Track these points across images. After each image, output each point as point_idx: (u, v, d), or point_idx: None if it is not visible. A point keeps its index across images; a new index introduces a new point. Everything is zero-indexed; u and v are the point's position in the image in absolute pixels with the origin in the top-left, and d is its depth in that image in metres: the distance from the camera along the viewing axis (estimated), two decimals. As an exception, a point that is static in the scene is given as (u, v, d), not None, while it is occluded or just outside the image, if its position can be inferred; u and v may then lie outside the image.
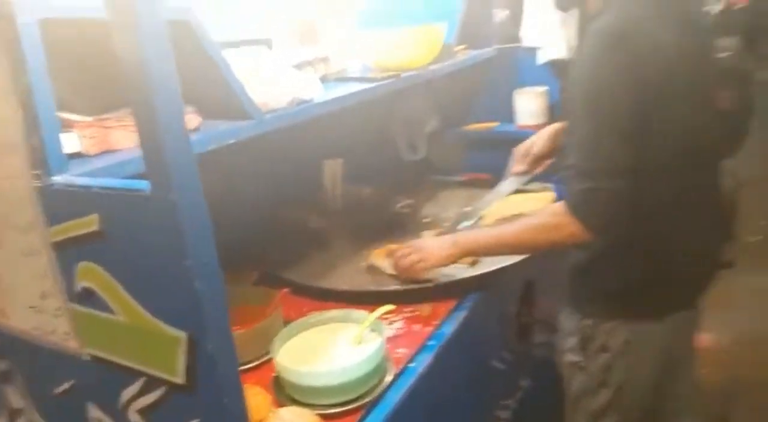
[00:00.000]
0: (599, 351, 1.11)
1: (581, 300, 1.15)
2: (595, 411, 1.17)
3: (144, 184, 0.56)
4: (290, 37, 1.42)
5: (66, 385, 0.76)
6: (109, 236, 0.60)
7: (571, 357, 1.17)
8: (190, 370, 0.60)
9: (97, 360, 0.69)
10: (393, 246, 1.27)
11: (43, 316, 0.73)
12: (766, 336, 2.32)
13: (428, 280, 1.17)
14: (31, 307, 0.74)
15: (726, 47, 1.15)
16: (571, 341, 1.16)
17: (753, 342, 2.28)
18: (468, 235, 1.20)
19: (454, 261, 1.16)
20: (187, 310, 0.57)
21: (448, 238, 1.18)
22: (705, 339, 2.36)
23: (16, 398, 0.85)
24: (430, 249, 1.17)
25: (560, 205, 1.00)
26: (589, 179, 0.95)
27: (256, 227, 1.41)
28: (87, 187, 0.60)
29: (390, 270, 1.24)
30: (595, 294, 1.12)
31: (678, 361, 1.20)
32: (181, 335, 0.59)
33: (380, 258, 1.28)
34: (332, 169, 1.56)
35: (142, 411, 0.68)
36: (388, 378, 0.93)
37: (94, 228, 0.60)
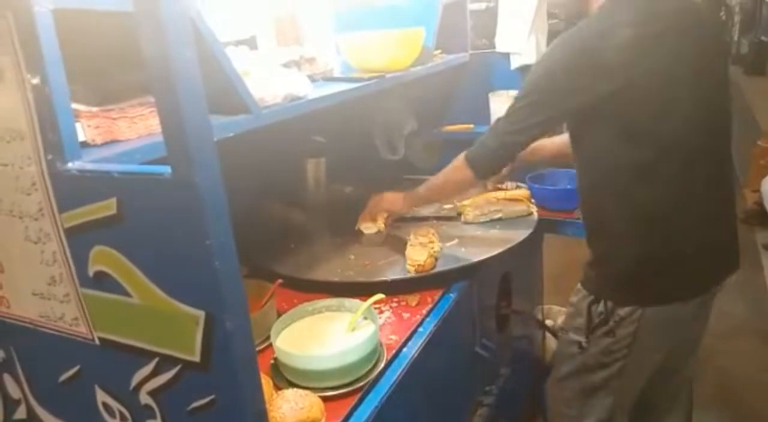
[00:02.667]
0: (604, 335, 1.17)
1: (598, 284, 1.20)
2: (587, 388, 1.23)
3: (164, 168, 0.58)
4: (271, 37, 1.45)
5: (71, 372, 0.77)
6: (126, 220, 0.62)
7: (573, 336, 1.23)
8: (205, 348, 0.63)
9: (107, 343, 0.71)
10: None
11: (50, 303, 0.74)
12: (726, 329, 2.46)
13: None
14: (35, 294, 0.75)
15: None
16: (579, 321, 1.21)
17: (713, 335, 2.41)
18: (411, 191, 1.44)
19: (402, 209, 1.48)
20: (206, 289, 0.60)
21: (399, 194, 1.47)
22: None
23: (14, 389, 0.85)
24: (388, 197, 1.48)
25: (462, 153, 1.26)
26: (492, 135, 1.19)
27: (242, 222, 1.43)
28: (106, 172, 0.61)
29: (371, 231, 1.49)
30: (612, 278, 1.17)
31: (680, 354, 1.25)
32: (200, 314, 0.61)
33: (364, 223, 1.50)
34: (315, 168, 1.59)
35: (153, 392, 0.70)
36: (382, 363, 0.97)
37: (112, 212, 0.62)
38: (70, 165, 0.64)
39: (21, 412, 0.87)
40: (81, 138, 0.75)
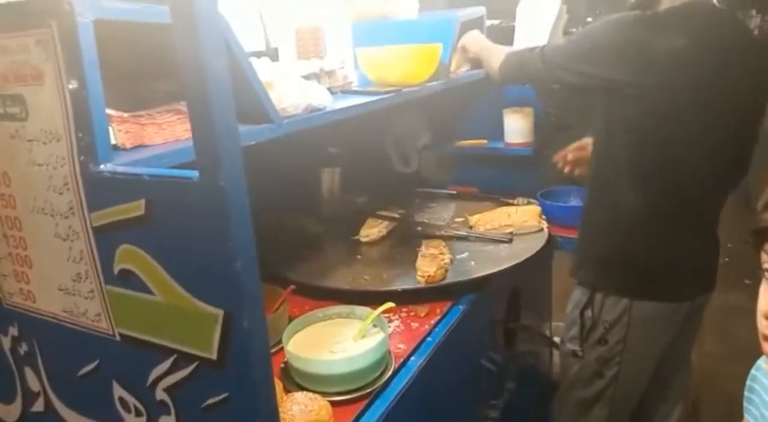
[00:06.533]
0: (597, 343, 1.21)
1: (591, 273, 1.26)
2: (586, 400, 1.26)
3: (192, 173, 0.61)
4: (292, 49, 1.49)
5: (90, 366, 0.79)
6: (153, 220, 0.65)
7: (570, 346, 1.27)
8: (222, 347, 0.65)
9: (127, 339, 0.73)
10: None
11: (74, 298, 0.77)
12: (732, 352, 2.45)
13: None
14: (61, 290, 0.78)
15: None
16: (573, 331, 1.25)
17: (719, 357, 2.41)
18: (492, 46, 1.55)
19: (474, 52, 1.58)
20: (226, 289, 0.63)
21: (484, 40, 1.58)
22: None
23: (34, 381, 0.88)
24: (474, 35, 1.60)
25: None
26: (531, 50, 1.28)
27: (256, 229, 1.46)
28: (137, 175, 0.64)
29: (370, 238, 1.51)
30: (604, 266, 1.23)
31: (674, 358, 1.30)
32: (219, 313, 0.64)
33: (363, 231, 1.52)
34: (330, 178, 1.62)
35: (169, 389, 0.72)
36: (390, 371, 0.98)
37: (140, 212, 0.65)
38: (102, 167, 0.68)
39: (39, 405, 0.90)
40: (112, 141, 0.78)
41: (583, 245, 1.32)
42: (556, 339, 2.08)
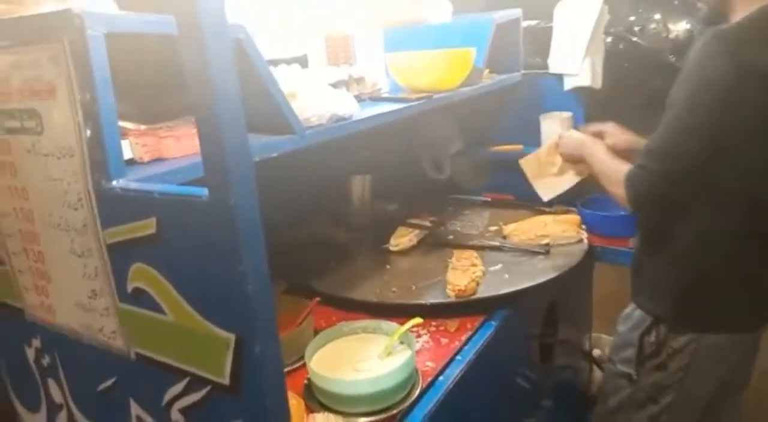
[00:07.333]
0: (655, 369, 1.14)
1: (656, 307, 1.16)
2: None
3: (202, 190, 0.59)
4: (322, 56, 1.47)
5: (108, 383, 0.78)
6: (165, 239, 0.63)
7: (622, 368, 1.19)
8: (235, 372, 0.63)
9: (142, 359, 0.72)
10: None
11: (91, 315, 0.76)
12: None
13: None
14: (78, 306, 0.77)
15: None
16: (628, 352, 1.18)
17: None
18: (593, 154, 1.28)
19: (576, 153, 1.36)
20: (238, 312, 0.60)
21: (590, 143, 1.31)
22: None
23: (57, 393, 0.88)
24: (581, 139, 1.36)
25: (627, 169, 1.10)
26: (648, 157, 1.05)
27: (284, 239, 1.45)
28: (147, 192, 0.62)
29: (398, 249, 1.45)
30: (671, 301, 1.13)
31: (734, 383, 1.22)
32: (230, 337, 0.61)
33: (398, 239, 1.48)
34: (360, 185, 1.59)
35: (184, 410, 0.70)
36: (417, 391, 0.94)
37: (151, 231, 0.63)
38: (114, 183, 0.66)
39: (62, 417, 0.90)
40: (129, 155, 0.77)
41: (643, 271, 1.21)
42: (596, 352, 1.98)
